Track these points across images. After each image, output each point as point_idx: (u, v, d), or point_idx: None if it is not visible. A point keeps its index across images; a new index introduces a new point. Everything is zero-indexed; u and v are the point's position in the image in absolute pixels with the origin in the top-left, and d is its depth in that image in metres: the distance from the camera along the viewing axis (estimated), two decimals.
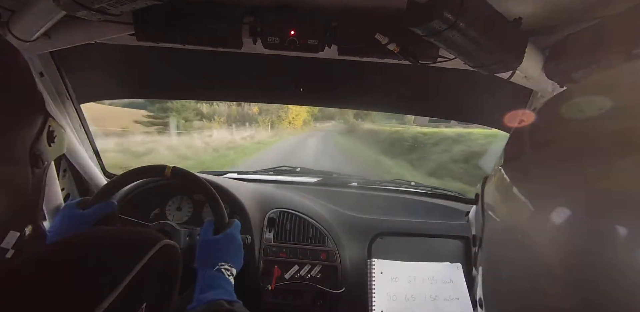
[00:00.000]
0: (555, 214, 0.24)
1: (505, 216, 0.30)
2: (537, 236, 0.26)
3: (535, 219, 0.26)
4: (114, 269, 0.29)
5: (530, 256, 0.26)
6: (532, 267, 0.26)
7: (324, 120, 26.12)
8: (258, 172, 1.35)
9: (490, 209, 0.33)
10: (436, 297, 0.78)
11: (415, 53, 0.68)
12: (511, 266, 0.29)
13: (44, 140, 0.36)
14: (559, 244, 0.24)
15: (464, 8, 0.52)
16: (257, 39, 0.70)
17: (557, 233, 0.24)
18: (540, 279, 0.25)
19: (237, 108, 20.25)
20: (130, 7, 0.57)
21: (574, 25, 0.60)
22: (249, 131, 18.11)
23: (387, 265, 0.80)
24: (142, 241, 0.33)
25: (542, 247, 0.25)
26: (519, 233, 0.27)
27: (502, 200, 0.31)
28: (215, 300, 0.61)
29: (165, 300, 0.35)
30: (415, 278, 0.80)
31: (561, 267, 0.24)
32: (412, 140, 9.90)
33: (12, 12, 0.65)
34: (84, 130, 1.05)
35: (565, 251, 0.23)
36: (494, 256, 0.32)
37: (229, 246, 0.73)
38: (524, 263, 0.27)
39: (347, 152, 12.78)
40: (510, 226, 0.29)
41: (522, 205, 0.28)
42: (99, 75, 1.01)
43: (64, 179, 1.06)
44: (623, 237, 0.20)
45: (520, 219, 0.27)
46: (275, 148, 13.15)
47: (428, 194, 1.26)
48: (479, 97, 0.99)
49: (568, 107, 0.30)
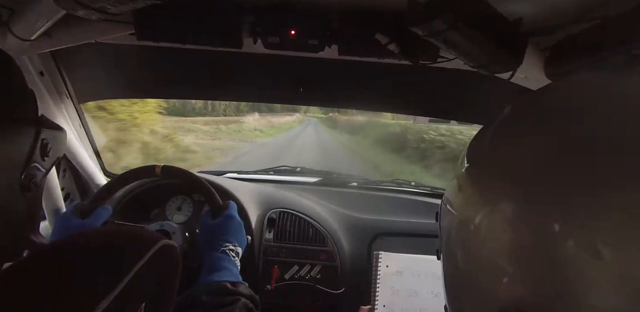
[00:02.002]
0: (502, 210, 0.26)
1: (460, 211, 0.32)
2: (485, 232, 0.27)
3: (485, 216, 0.27)
4: (112, 269, 0.29)
5: (482, 251, 0.27)
6: (484, 262, 0.27)
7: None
8: (258, 172, 1.35)
9: (450, 206, 0.34)
10: (438, 294, 0.78)
11: (415, 53, 0.68)
12: (466, 260, 0.31)
13: (36, 157, 0.34)
14: (505, 239, 0.25)
15: (464, 8, 0.52)
16: (257, 39, 0.70)
17: (504, 229, 0.25)
18: (491, 273, 0.27)
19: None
20: (130, 7, 0.57)
21: (574, 26, 0.60)
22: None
23: (393, 258, 0.80)
24: (141, 241, 0.33)
25: (489, 243, 0.26)
26: (471, 227, 0.28)
27: (458, 198, 0.32)
28: (219, 281, 0.61)
29: (165, 300, 0.35)
30: (420, 273, 0.79)
31: (507, 262, 0.25)
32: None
33: (12, 11, 0.65)
34: (84, 130, 1.05)
35: (510, 246, 0.25)
36: (452, 253, 0.33)
37: (229, 226, 0.73)
38: (477, 258, 0.28)
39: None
40: (464, 221, 0.30)
41: (474, 199, 0.29)
42: (99, 74, 1.01)
43: (64, 179, 1.06)
44: (562, 232, 0.22)
45: (472, 213, 0.29)
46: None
47: (428, 194, 1.26)
48: (479, 98, 0.99)
49: (530, 109, 0.31)
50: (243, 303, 0.59)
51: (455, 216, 0.32)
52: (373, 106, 1.26)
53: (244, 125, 15.03)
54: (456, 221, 0.32)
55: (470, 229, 0.28)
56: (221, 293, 0.60)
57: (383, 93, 1.08)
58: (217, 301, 0.58)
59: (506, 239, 0.25)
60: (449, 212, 0.34)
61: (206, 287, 0.61)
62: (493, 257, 0.26)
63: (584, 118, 0.25)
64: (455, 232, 0.32)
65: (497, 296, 0.26)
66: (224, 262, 0.67)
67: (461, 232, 0.31)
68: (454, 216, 0.32)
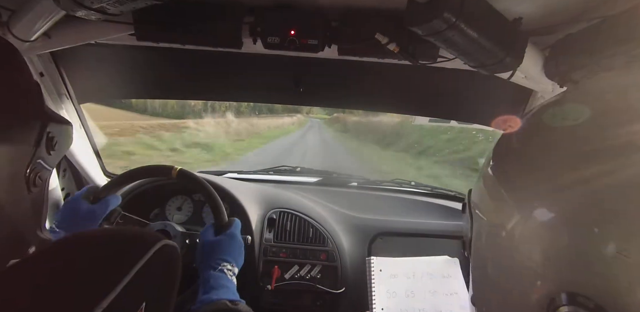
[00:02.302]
0: (537, 215, 0.25)
1: (492, 218, 0.31)
2: (519, 236, 0.27)
3: (518, 220, 0.27)
4: (113, 269, 0.29)
5: (512, 255, 0.27)
6: (515, 266, 0.27)
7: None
8: (258, 172, 1.35)
9: (479, 210, 0.34)
10: (435, 292, 0.78)
11: (415, 53, 0.68)
12: (497, 265, 0.30)
13: (42, 151, 0.34)
14: (539, 243, 0.25)
15: (464, 8, 0.52)
16: (257, 39, 0.70)
17: (539, 233, 0.25)
18: (523, 277, 0.26)
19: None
20: (130, 7, 0.57)
21: (574, 25, 0.60)
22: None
23: (386, 262, 0.80)
24: (141, 241, 0.33)
25: (523, 246, 0.26)
26: (504, 234, 0.28)
27: (489, 202, 0.32)
28: (218, 300, 0.61)
29: (165, 300, 0.35)
30: (414, 274, 0.80)
31: (542, 266, 0.25)
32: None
33: (12, 12, 0.65)
34: (84, 130, 1.05)
35: (545, 250, 0.25)
36: (482, 256, 0.33)
37: (230, 245, 0.73)
38: (507, 262, 0.28)
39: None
40: (496, 227, 0.30)
41: (505, 206, 0.29)
42: (99, 75, 1.01)
43: (64, 179, 1.06)
44: (599, 237, 0.22)
45: (505, 221, 0.28)
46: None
47: (428, 194, 1.26)
48: (479, 97, 0.99)
49: (554, 114, 0.30)
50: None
51: (485, 220, 0.32)
52: (373, 106, 1.26)
53: (187, 132, 9.21)
54: (486, 225, 0.31)
55: (502, 235, 0.28)
56: (221, 311, 0.60)
57: (383, 93, 1.07)
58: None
59: (545, 243, 0.25)
60: (478, 217, 0.33)
61: (205, 305, 0.61)
62: (529, 262, 0.26)
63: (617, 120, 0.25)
64: (485, 236, 0.32)
65: (531, 297, 0.26)
66: (222, 281, 0.67)
67: (492, 238, 0.30)
68: (483, 221, 0.32)
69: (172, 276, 0.36)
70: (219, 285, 0.65)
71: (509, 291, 0.29)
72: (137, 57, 0.94)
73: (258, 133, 12.69)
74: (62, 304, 0.25)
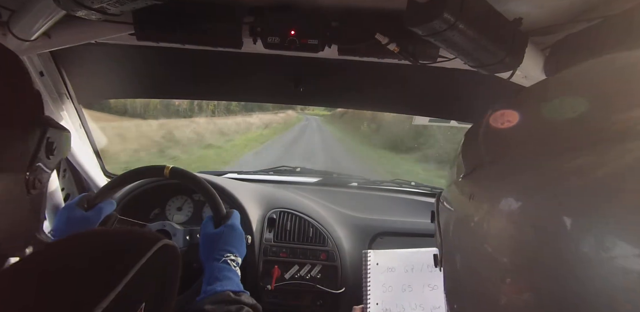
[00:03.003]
0: (510, 207, 0.25)
1: (460, 209, 0.31)
2: (487, 226, 0.26)
3: (486, 210, 0.26)
4: (112, 269, 0.29)
5: (483, 247, 0.27)
6: (484, 260, 0.26)
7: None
8: (258, 172, 1.35)
9: (447, 203, 0.34)
10: (435, 286, 0.76)
11: (415, 53, 0.68)
12: (466, 258, 0.30)
13: (42, 156, 0.35)
14: (507, 239, 0.24)
15: (464, 8, 0.52)
16: (257, 39, 0.70)
17: (506, 228, 0.24)
18: (492, 271, 0.26)
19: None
20: (130, 7, 0.57)
21: (574, 25, 0.60)
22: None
23: (383, 255, 0.78)
24: (141, 241, 0.33)
25: (493, 240, 0.26)
26: (472, 225, 0.28)
27: (456, 193, 0.32)
28: (222, 291, 0.63)
29: (165, 300, 0.35)
30: (413, 267, 0.78)
31: (510, 260, 0.24)
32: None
33: (12, 11, 0.65)
34: (84, 130, 1.05)
35: (514, 244, 0.24)
36: (450, 251, 0.33)
37: (231, 236, 0.73)
38: (475, 255, 0.28)
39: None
40: (465, 218, 0.30)
41: (474, 196, 0.28)
42: (99, 75, 1.01)
43: (64, 179, 1.06)
44: (568, 232, 0.21)
45: (474, 212, 0.28)
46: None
47: (428, 194, 1.26)
48: (479, 97, 0.99)
49: (526, 107, 0.30)
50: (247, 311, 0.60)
51: (453, 213, 0.32)
52: (373, 106, 1.26)
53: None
54: (453, 219, 0.31)
55: (470, 227, 0.28)
56: (225, 302, 0.61)
57: (383, 93, 1.07)
58: (222, 310, 0.59)
59: (509, 237, 0.24)
60: (447, 210, 0.33)
61: (209, 296, 0.62)
62: (495, 256, 0.25)
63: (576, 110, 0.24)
64: (454, 230, 0.32)
65: (500, 298, 0.25)
66: (225, 272, 0.67)
67: (461, 231, 0.30)
68: (451, 213, 0.32)
69: (172, 276, 0.36)
70: (223, 276, 0.66)
71: (479, 285, 0.28)
72: (137, 56, 0.94)
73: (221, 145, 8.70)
74: (61, 304, 0.25)
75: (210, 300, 0.61)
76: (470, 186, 0.29)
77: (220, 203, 0.80)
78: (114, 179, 0.84)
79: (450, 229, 0.32)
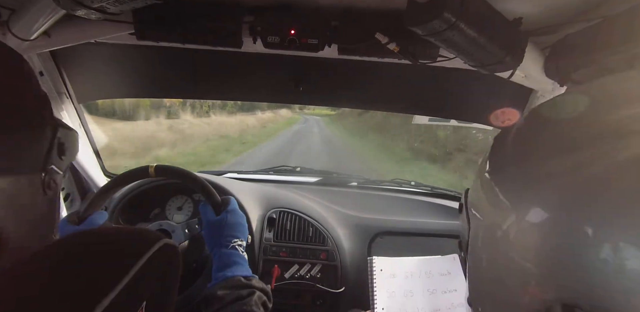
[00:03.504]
0: (532, 214, 0.25)
1: (488, 218, 0.31)
2: (514, 235, 0.26)
3: (513, 219, 0.27)
4: (113, 268, 0.29)
5: (509, 256, 0.27)
6: (511, 267, 0.27)
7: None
8: (258, 172, 1.35)
9: (476, 210, 0.33)
10: (434, 291, 0.78)
11: (415, 52, 0.68)
12: (492, 265, 0.30)
13: (54, 156, 0.35)
14: (534, 243, 0.25)
15: (464, 8, 0.52)
16: (257, 38, 0.70)
17: (533, 232, 0.25)
18: (518, 278, 0.26)
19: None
20: (130, 6, 0.57)
21: (574, 25, 0.60)
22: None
23: (386, 262, 0.80)
24: (141, 240, 0.33)
25: (519, 246, 0.26)
26: (499, 234, 0.28)
27: (485, 203, 0.32)
28: (233, 276, 0.64)
29: (166, 299, 0.35)
30: (413, 273, 0.80)
31: (536, 266, 0.24)
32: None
33: (12, 11, 0.65)
34: (84, 130, 1.05)
35: (539, 250, 0.24)
36: (478, 256, 0.33)
37: (235, 221, 0.74)
38: (503, 262, 0.28)
39: None
40: (492, 227, 0.29)
41: (501, 205, 0.28)
42: (98, 74, 1.01)
43: (64, 179, 1.06)
44: (594, 236, 0.21)
45: (501, 221, 0.28)
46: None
47: (428, 194, 1.26)
48: (479, 97, 0.99)
49: (549, 113, 0.30)
50: (258, 296, 0.62)
51: (482, 220, 0.31)
52: (373, 105, 1.26)
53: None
54: (483, 225, 0.31)
55: (498, 235, 0.28)
56: (236, 287, 0.62)
57: (383, 92, 1.08)
58: (234, 295, 0.61)
59: (538, 243, 0.24)
60: (475, 217, 0.33)
61: (220, 282, 0.63)
62: (523, 261, 0.25)
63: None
64: (482, 236, 0.31)
65: (526, 300, 0.25)
66: (235, 258, 0.69)
67: (488, 238, 0.30)
68: (480, 221, 0.32)
69: (173, 275, 0.36)
70: (232, 262, 0.68)
71: (504, 292, 0.28)
72: (137, 56, 0.94)
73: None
74: (62, 303, 0.25)
75: (222, 285, 0.62)
76: (500, 194, 0.29)
77: (212, 191, 0.79)
78: (101, 188, 0.83)
79: (479, 237, 0.32)
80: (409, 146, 8.27)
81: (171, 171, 0.83)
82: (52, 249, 0.31)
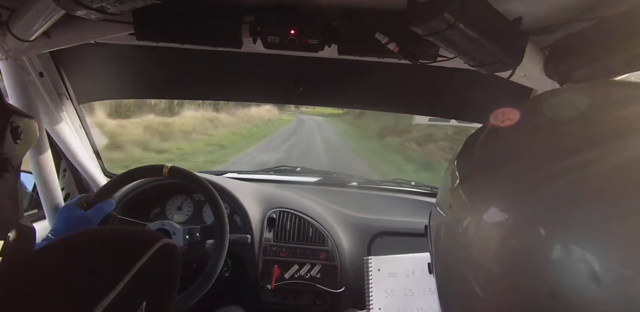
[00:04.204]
0: (494, 216, 0.25)
1: (450, 214, 0.31)
2: (478, 238, 0.27)
3: (476, 222, 0.27)
4: (113, 268, 0.29)
5: (469, 251, 0.27)
6: (476, 273, 0.27)
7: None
8: (258, 172, 1.35)
9: (439, 207, 0.34)
10: (434, 291, 0.78)
11: (415, 52, 0.68)
12: (454, 260, 0.30)
13: (8, 140, 0.35)
14: (497, 245, 0.25)
15: (464, 8, 0.52)
16: (257, 39, 0.70)
17: (496, 235, 0.25)
18: (478, 274, 0.27)
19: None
20: (129, 7, 0.57)
21: (574, 25, 0.60)
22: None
23: (384, 261, 0.80)
24: (141, 240, 0.33)
25: (479, 244, 0.26)
26: (460, 229, 0.28)
27: (447, 199, 0.32)
28: None
29: (165, 299, 0.35)
30: (414, 271, 0.79)
31: (495, 264, 0.25)
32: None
33: (12, 11, 0.65)
34: (83, 130, 1.05)
35: (502, 252, 0.25)
36: (441, 258, 0.33)
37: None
38: (464, 257, 0.28)
39: None
40: (453, 222, 0.30)
41: (464, 205, 0.29)
42: (99, 75, 1.01)
43: (64, 179, 1.06)
44: (545, 236, 0.22)
45: (462, 217, 0.28)
46: None
47: (428, 194, 1.26)
48: (479, 97, 0.99)
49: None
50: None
51: (444, 218, 0.32)
52: (373, 106, 1.26)
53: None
54: (445, 225, 0.32)
55: (459, 232, 0.28)
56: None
57: (383, 92, 1.08)
58: None
59: (495, 244, 0.25)
60: (439, 215, 0.34)
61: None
62: (483, 262, 0.26)
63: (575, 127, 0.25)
64: (444, 235, 0.32)
65: (487, 303, 0.26)
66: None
67: (450, 236, 0.31)
68: (443, 219, 0.32)
69: (173, 275, 0.36)
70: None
71: (465, 287, 0.29)
72: (137, 56, 0.94)
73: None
74: (63, 303, 0.25)
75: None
76: (462, 193, 0.30)
77: (220, 202, 0.80)
78: (113, 179, 0.84)
79: (441, 235, 0.33)
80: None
81: (185, 175, 0.83)
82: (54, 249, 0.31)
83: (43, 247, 0.31)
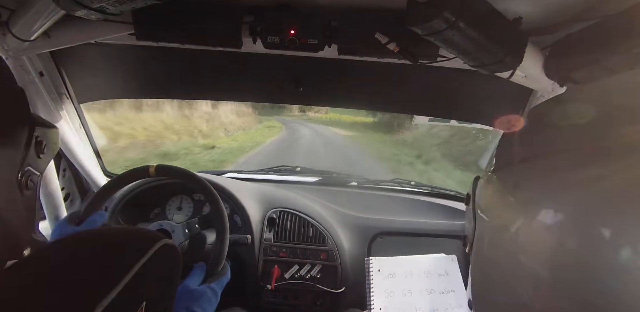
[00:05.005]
0: (545, 218, 0.24)
1: (496, 219, 0.30)
2: (525, 239, 0.26)
3: (525, 223, 0.26)
4: (114, 268, 0.29)
5: (518, 258, 0.26)
6: (520, 270, 0.26)
7: None
8: (258, 172, 1.35)
9: (482, 211, 0.33)
10: (432, 291, 0.79)
11: (415, 52, 0.68)
12: (499, 267, 0.29)
13: (32, 155, 0.34)
14: (547, 246, 0.24)
15: (464, 8, 0.52)
16: (257, 39, 0.70)
17: (546, 236, 0.24)
18: (527, 281, 0.26)
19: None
20: (129, 7, 0.57)
21: (574, 25, 0.60)
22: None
23: (384, 262, 0.81)
24: (142, 240, 0.33)
25: (530, 249, 0.25)
26: (508, 236, 0.27)
27: (493, 204, 0.31)
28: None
29: (166, 299, 0.35)
30: (412, 273, 0.80)
31: (548, 269, 0.24)
32: None
33: (12, 11, 0.65)
34: (84, 130, 1.05)
35: (553, 253, 0.24)
36: (484, 258, 0.32)
37: (207, 302, 0.68)
38: (511, 265, 0.27)
39: None
40: (500, 229, 0.29)
41: (513, 209, 0.28)
42: (99, 75, 1.01)
43: (64, 179, 1.06)
44: (610, 239, 0.20)
45: (510, 223, 0.27)
46: None
47: (428, 194, 1.26)
48: (479, 97, 0.99)
49: (559, 113, 0.30)
50: None
51: (488, 222, 0.31)
52: (373, 106, 1.26)
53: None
54: (489, 227, 0.31)
55: (506, 238, 0.27)
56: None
57: (383, 92, 1.07)
58: None
59: (549, 246, 0.23)
60: (482, 219, 0.32)
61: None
62: (533, 264, 0.24)
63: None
64: (488, 239, 0.31)
65: (534, 304, 0.25)
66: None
67: (497, 240, 0.29)
68: (487, 222, 0.31)
69: (173, 275, 0.36)
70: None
71: (510, 297, 0.28)
72: (137, 56, 0.94)
73: None
74: (63, 303, 0.25)
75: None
76: (502, 179, 0.29)
77: (214, 193, 0.79)
78: (99, 190, 0.82)
79: (484, 241, 0.32)
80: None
81: (173, 171, 0.83)
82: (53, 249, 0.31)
83: (43, 247, 0.31)
